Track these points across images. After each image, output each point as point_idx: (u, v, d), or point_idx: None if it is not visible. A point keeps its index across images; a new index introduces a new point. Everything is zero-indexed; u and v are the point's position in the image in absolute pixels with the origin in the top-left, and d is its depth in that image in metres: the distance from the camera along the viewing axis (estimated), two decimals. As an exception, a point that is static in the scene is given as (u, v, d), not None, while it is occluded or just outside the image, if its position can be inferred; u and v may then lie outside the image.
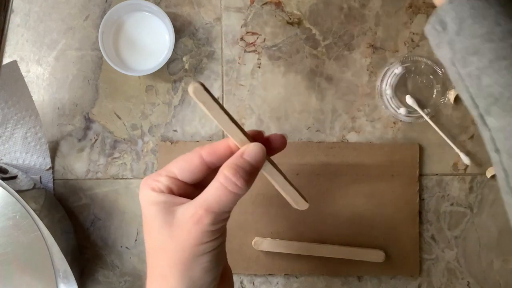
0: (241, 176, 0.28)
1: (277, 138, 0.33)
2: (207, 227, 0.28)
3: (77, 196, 0.51)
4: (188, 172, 0.31)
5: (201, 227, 0.28)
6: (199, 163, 0.31)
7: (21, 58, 0.51)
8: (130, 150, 0.51)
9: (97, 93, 0.51)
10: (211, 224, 0.28)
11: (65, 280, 0.45)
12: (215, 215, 0.28)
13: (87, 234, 0.51)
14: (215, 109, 0.29)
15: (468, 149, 0.51)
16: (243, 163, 0.28)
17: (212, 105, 0.29)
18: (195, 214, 0.28)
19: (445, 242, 0.51)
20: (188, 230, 0.28)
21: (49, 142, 0.51)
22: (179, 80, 0.51)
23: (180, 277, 0.28)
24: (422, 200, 0.51)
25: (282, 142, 0.33)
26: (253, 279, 0.51)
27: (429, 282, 0.51)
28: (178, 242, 0.28)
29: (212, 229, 0.28)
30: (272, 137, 0.33)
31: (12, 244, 0.45)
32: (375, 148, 0.50)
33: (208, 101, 0.29)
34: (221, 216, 0.29)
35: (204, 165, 0.31)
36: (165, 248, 0.29)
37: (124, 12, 0.49)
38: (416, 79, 0.50)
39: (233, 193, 0.28)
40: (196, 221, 0.28)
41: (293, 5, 0.51)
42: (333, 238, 0.50)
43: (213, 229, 0.28)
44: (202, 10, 0.51)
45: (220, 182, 0.28)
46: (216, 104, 0.29)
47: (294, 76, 0.51)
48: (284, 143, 0.33)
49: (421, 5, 0.51)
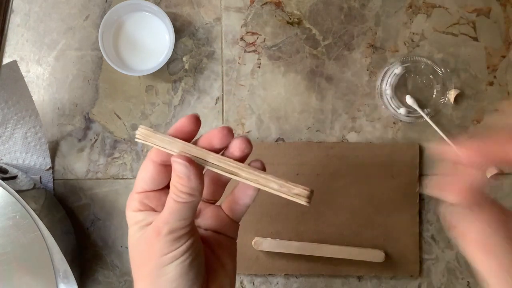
0: (179, 189, 0.29)
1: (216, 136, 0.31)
2: (165, 238, 0.29)
3: (77, 196, 0.51)
4: (150, 180, 0.32)
5: (160, 238, 0.29)
6: (153, 167, 0.31)
7: (21, 58, 0.51)
8: (130, 150, 0.51)
9: (97, 93, 0.51)
10: (169, 234, 0.29)
11: (65, 280, 0.45)
12: (170, 226, 0.29)
13: (87, 234, 0.51)
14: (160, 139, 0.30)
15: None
16: (176, 178, 0.29)
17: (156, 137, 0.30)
18: (155, 227, 0.30)
19: (445, 242, 0.51)
20: (151, 243, 0.30)
21: (49, 142, 0.51)
22: (179, 80, 0.51)
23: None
24: (422, 200, 0.51)
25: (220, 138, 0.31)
26: (253, 279, 0.51)
27: (429, 282, 0.51)
28: (146, 256, 0.30)
29: (171, 239, 0.29)
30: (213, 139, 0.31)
31: (12, 244, 0.45)
32: (375, 148, 0.50)
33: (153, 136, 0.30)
34: (178, 225, 0.29)
35: (158, 166, 0.31)
36: (139, 263, 0.31)
37: (124, 12, 0.49)
38: (416, 79, 0.50)
39: (181, 203, 0.29)
40: (156, 234, 0.29)
41: (293, 5, 0.51)
42: (333, 238, 0.50)
43: (172, 239, 0.29)
44: (202, 10, 0.51)
45: (169, 195, 0.30)
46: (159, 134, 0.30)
47: (294, 76, 0.51)
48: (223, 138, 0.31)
49: (421, 5, 0.51)
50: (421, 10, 0.51)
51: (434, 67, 0.49)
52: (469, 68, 0.51)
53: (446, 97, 0.50)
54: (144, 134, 0.30)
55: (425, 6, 0.51)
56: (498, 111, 0.51)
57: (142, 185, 0.32)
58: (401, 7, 0.51)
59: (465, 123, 0.51)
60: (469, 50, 0.51)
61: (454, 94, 0.50)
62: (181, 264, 0.29)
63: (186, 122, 0.31)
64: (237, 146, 0.31)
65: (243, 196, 0.33)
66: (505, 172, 0.51)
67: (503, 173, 0.51)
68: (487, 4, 0.50)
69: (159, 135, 0.30)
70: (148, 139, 0.30)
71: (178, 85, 0.51)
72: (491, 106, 0.51)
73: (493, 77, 0.51)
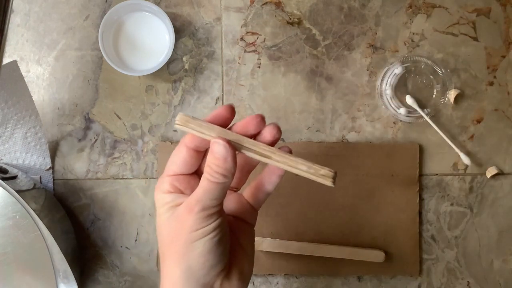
0: (215, 170, 0.31)
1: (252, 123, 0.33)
2: (197, 215, 0.31)
3: (77, 196, 0.51)
4: (182, 163, 0.34)
5: (192, 215, 0.31)
6: (186, 151, 0.33)
7: (21, 58, 0.51)
8: (130, 150, 0.51)
9: (97, 93, 0.51)
10: (201, 211, 0.31)
11: (65, 280, 0.45)
12: (203, 203, 0.31)
13: (87, 234, 0.51)
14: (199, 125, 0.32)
15: (468, 149, 0.51)
16: (212, 159, 0.31)
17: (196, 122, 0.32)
18: (187, 205, 0.31)
19: (445, 242, 0.51)
20: (182, 220, 0.31)
21: (49, 142, 0.51)
22: (179, 80, 0.51)
23: (178, 263, 0.31)
24: (422, 200, 0.51)
25: (255, 124, 0.33)
26: (253, 279, 0.51)
27: (429, 282, 0.51)
28: (176, 232, 0.32)
29: (203, 216, 0.31)
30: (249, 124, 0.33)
31: (12, 244, 0.45)
32: (375, 148, 0.50)
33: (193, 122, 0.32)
34: (209, 204, 0.31)
35: (191, 151, 0.33)
36: (168, 241, 0.32)
37: (124, 12, 0.49)
38: (416, 79, 0.50)
39: (213, 183, 0.31)
40: (188, 211, 0.31)
41: (293, 5, 0.51)
42: (333, 238, 0.50)
43: (203, 216, 0.31)
44: (202, 10, 0.51)
45: (204, 175, 0.32)
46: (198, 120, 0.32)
47: (294, 76, 0.51)
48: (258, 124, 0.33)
49: (421, 5, 0.51)
50: (421, 10, 0.51)
51: (434, 67, 0.49)
52: (469, 68, 0.51)
53: (446, 97, 0.50)
54: (183, 120, 0.32)
55: (425, 6, 0.51)
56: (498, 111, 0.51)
57: (174, 168, 0.34)
58: (401, 7, 0.51)
59: (465, 123, 0.51)
60: (469, 50, 0.51)
61: (454, 94, 0.50)
62: (210, 240, 0.31)
63: (223, 110, 0.33)
64: (269, 132, 0.33)
65: (268, 183, 0.36)
66: (505, 172, 0.51)
67: (503, 173, 0.51)
68: (487, 4, 0.50)
69: (198, 121, 0.32)
70: (187, 125, 0.32)
71: (178, 85, 0.51)
72: (491, 106, 0.51)
73: (493, 77, 0.51)
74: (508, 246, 0.51)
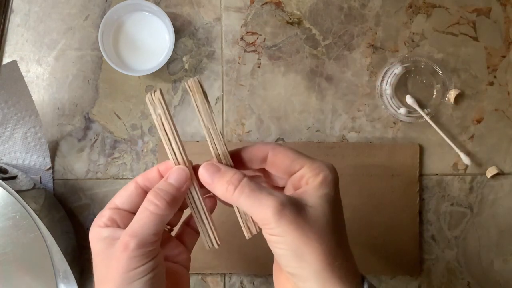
0: (162, 197, 0.29)
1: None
2: (133, 253, 0.28)
3: (77, 196, 0.51)
4: (127, 199, 0.32)
5: (128, 253, 0.28)
6: (135, 189, 0.32)
7: (21, 58, 0.51)
8: (130, 150, 0.51)
9: (97, 93, 0.51)
10: (137, 249, 0.28)
11: (65, 280, 0.45)
12: (139, 239, 0.28)
13: (87, 234, 0.51)
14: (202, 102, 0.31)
15: (468, 149, 0.51)
16: (165, 185, 0.30)
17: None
18: (122, 241, 0.29)
19: (445, 242, 0.51)
20: (117, 258, 0.29)
21: (49, 142, 0.51)
22: (179, 80, 0.51)
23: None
24: (422, 200, 0.51)
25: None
26: (253, 279, 0.51)
27: (429, 282, 0.51)
28: (112, 272, 0.29)
29: (139, 254, 0.28)
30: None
31: (12, 244, 0.45)
32: (375, 148, 0.50)
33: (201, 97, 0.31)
34: (147, 240, 0.29)
35: (140, 189, 0.32)
36: (104, 280, 0.30)
37: (124, 12, 0.49)
38: (416, 79, 0.50)
39: (154, 214, 0.29)
40: (123, 248, 0.28)
41: (293, 5, 0.51)
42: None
43: (140, 254, 0.28)
44: (202, 10, 0.51)
45: (143, 206, 0.29)
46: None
47: (294, 76, 0.51)
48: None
49: (421, 5, 0.51)
50: (421, 10, 0.51)
51: (434, 67, 0.49)
52: (469, 68, 0.51)
53: (446, 97, 0.50)
54: (157, 99, 0.30)
55: (425, 6, 0.51)
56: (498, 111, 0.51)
57: (117, 201, 0.32)
58: (401, 7, 0.51)
59: (465, 123, 0.51)
60: (469, 50, 0.51)
61: (454, 94, 0.50)
62: (149, 281, 0.29)
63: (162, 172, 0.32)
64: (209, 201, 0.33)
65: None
66: (505, 172, 0.51)
67: (503, 173, 0.51)
68: (487, 4, 0.50)
69: (170, 123, 0.30)
70: (156, 109, 0.30)
71: (178, 85, 0.51)
72: (491, 106, 0.51)
73: (493, 77, 0.51)
74: (508, 246, 0.51)
